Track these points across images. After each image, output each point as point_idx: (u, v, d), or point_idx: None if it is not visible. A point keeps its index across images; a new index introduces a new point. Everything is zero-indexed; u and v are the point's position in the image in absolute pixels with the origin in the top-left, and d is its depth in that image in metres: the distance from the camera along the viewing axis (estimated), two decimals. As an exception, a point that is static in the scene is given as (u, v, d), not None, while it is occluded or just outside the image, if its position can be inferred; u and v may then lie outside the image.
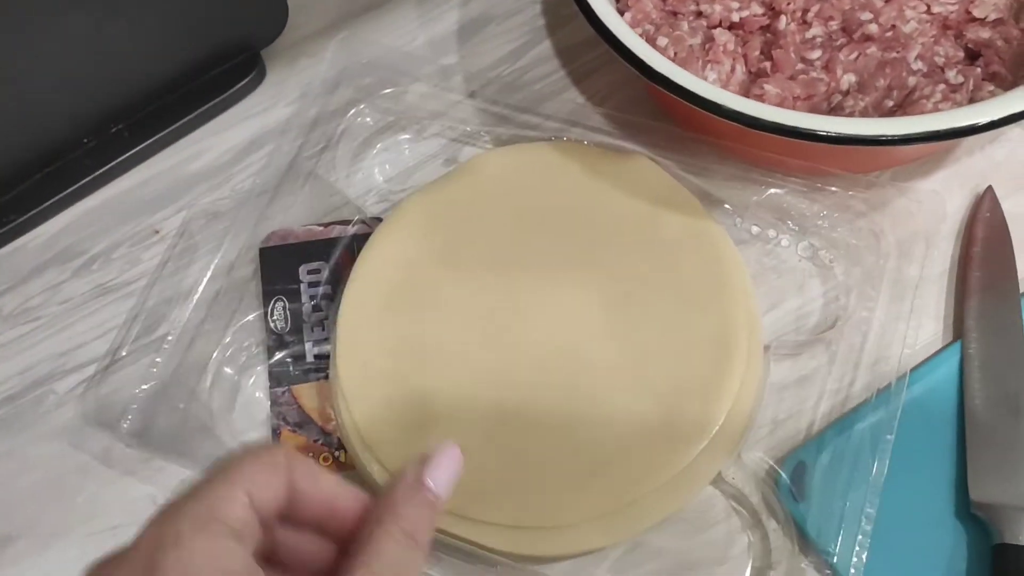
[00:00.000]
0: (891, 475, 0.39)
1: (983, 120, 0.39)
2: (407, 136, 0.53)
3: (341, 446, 0.44)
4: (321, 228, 0.49)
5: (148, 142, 0.53)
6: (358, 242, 0.48)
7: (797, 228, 0.47)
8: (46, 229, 0.53)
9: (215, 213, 0.51)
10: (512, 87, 0.52)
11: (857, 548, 0.37)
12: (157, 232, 0.52)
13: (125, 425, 0.43)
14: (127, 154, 0.53)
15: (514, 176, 0.48)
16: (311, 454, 0.44)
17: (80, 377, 0.48)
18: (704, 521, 0.42)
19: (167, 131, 0.54)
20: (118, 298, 0.50)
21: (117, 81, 0.52)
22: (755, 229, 0.48)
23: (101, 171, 0.53)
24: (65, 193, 0.53)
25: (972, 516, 0.39)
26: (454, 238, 0.47)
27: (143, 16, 0.49)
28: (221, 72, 0.55)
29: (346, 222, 0.49)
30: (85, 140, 0.53)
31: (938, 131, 0.39)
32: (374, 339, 0.44)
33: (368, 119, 0.52)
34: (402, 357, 0.44)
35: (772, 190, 0.46)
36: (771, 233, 0.47)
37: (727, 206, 0.47)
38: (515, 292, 0.44)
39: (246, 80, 0.55)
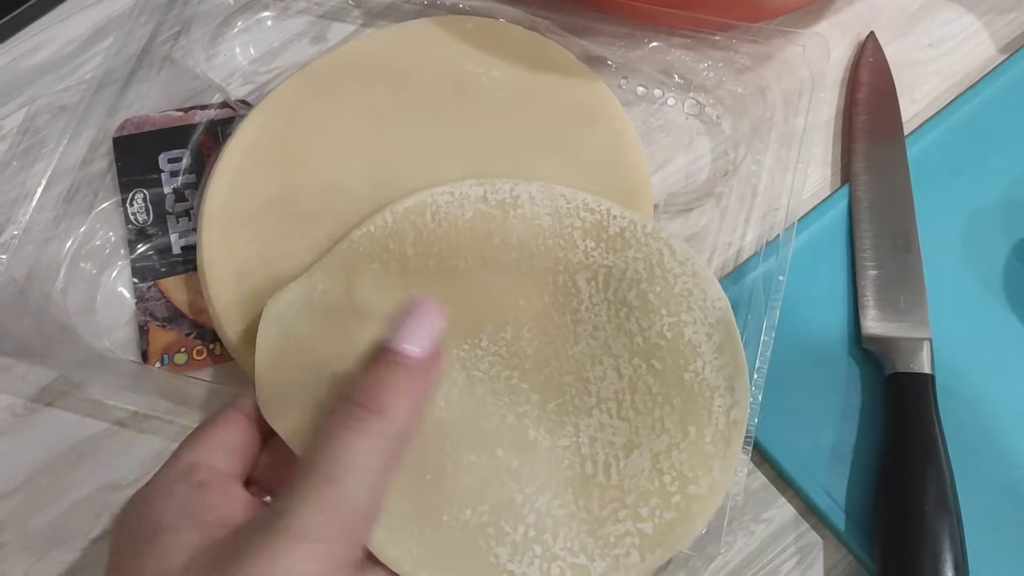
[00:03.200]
0: (786, 318, 0.39)
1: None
2: (270, 14, 0.49)
3: (215, 338, 0.41)
4: (181, 114, 0.46)
5: (-20, 35, 0.48)
6: (221, 126, 0.45)
7: (683, 83, 0.45)
8: None
9: (61, 106, 0.47)
10: (377, -45, 0.48)
11: (753, 389, 0.36)
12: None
13: None
14: (-43, 49, 0.48)
15: (391, 55, 0.45)
16: (183, 348, 0.41)
17: (-79, 291, 0.44)
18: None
19: (1, 22, 0.49)
20: (-43, 204, 0.45)
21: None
22: (641, 90, 0.46)
23: (-73, 69, 0.48)
24: None
25: (864, 351, 0.39)
26: (325, 118, 0.43)
27: None
28: (59, -45, 0.50)
29: (207, 107, 0.46)
30: (-95, 35, 0.48)
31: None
32: (244, 225, 0.41)
33: (226, -4, 0.48)
34: (274, 239, 0.41)
35: (655, 44, 0.44)
36: (657, 92, 0.46)
37: (610, 63, 0.45)
38: (391, 166, 0.42)
39: (88, -37, 0.50)
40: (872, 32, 0.46)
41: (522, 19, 0.45)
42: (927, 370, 0.37)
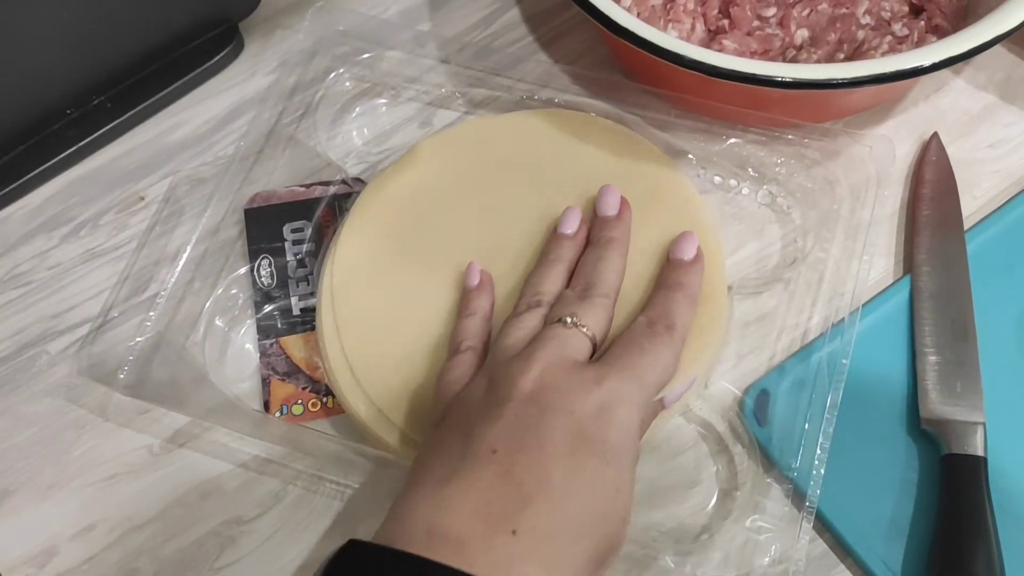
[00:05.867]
0: (849, 397, 0.42)
1: (926, 63, 0.42)
2: (384, 100, 0.55)
3: (328, 392, 0.46)
4: (303, 189, 0.51)
5: (130, 113, 0.55)
6: (339, 201, 0.51)
7: (757, 176, 0.49)
8: (32, 199, 0.54)
9: (199, 179, 0.53)
10: (484, 52, 0.54)
11: (816, 463, 0.40)
12: (142, 199, 0.53)
13: (122, 376, 0.45)
14: (110, 125, 0.54)
15: (491, 141, 0.50)
16: (300, 400, 0.46)
17: (72, 338, 0.50)
18: (675, 449, 0.44)
19: (149, 102, 0.55)
20: (107, 262, 0.52)
21: (98, 54, 0.53)
22: (717, 179, 0.50)
23: (85, 142, 0.54)
24: (50, 164, 0.54)
25: (922, 431, 0.42)
26: (430, 194, 0.48)
27: (123, -10, 0.51)
28: (200, 44, 0.56)
29: (327, 183, 0.51)
30: (68, 111, 0.54)
31: (883, 74, 0.42)
32: (359, 290, 0.46)
33: (346, 85, 0.54)
34: (387, 304, 0.46)
35: (732, 140, 0.48)
36: (732, 182, 0.50)
37: (690, 157, 0.50)
38: (492, 248, 0.47)
39: (224, 52, 0.56)
40: (936, 132, 0.50)
41: (611, 113, 0.50)
42: (980, 453, 0.40)
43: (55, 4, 0.48)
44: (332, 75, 0.54)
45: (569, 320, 0.39)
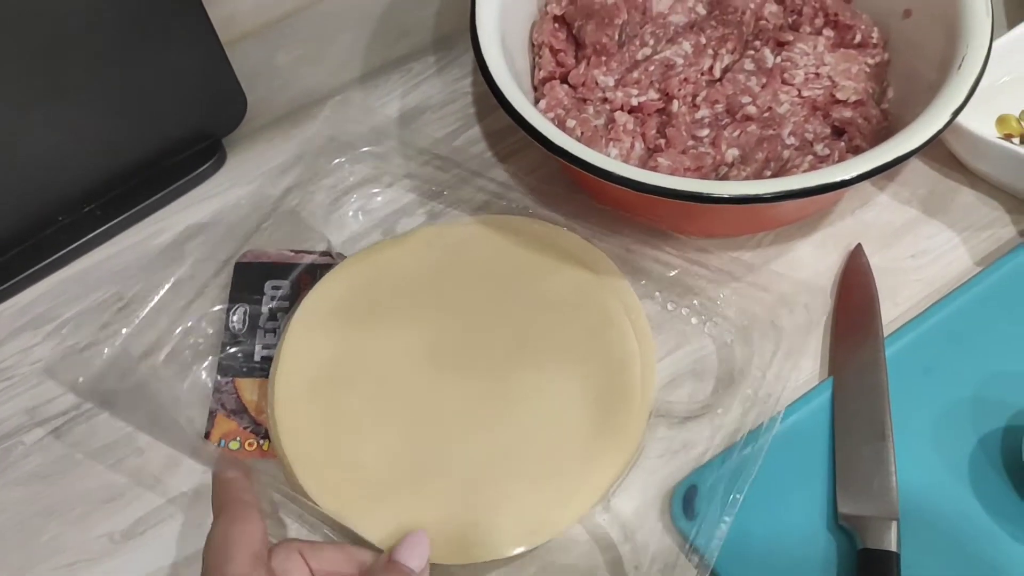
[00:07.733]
0: (773, 493, 0.45)
1: (843, 177, 0.45)
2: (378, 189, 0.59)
3: (267, 435, 0.50)
4: (291, 254, 0.56)
5: (117, 220, 0.59)
6: (320, 270, 0.54)
7: (697, 304, 0.53)
8: (22, 298, 0.58)
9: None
10: (446, 164, 0.58)
11: (735, 555, 0.42)
12: (122, 299, 0.57)
13: (81, 380, 0.48)
14: (98, 230, 0.59)
15: (451, 246, 0.54)
16: (238, 438, 0.50)
17: (47, 430, 0.53)
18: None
19: (135, 210, 0.59)
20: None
21: (90, 165, 0.58)
22: (658, 295, 0.54)
23: (74, 245, 0.58)
24: (41, 265, 0.58)
25: (840, 527, 0.44)
26: (391, 282, 0.53)
27: (116, 108, 0.56)
28: (186, 157, 0.61)
29: (313, 252, 0.56)
30: (60, 218, 0.59)
31: (801, 189, 0.45)
32: (313, 355, 0.50)
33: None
34: (335, 378, 0.49)
35: (674, 272, 0.52)
36: (671, 306, 0.53)
37: (643, 281, 0.53)
38: (438, 346, 0.50)
39: (208, 164, 0.61)
40: (859, 243, 0.54)
41: (561, 223, 0.54)
42: (893, 548, 0.42)
43: (54, 123, 0.53)
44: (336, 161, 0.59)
45: None
